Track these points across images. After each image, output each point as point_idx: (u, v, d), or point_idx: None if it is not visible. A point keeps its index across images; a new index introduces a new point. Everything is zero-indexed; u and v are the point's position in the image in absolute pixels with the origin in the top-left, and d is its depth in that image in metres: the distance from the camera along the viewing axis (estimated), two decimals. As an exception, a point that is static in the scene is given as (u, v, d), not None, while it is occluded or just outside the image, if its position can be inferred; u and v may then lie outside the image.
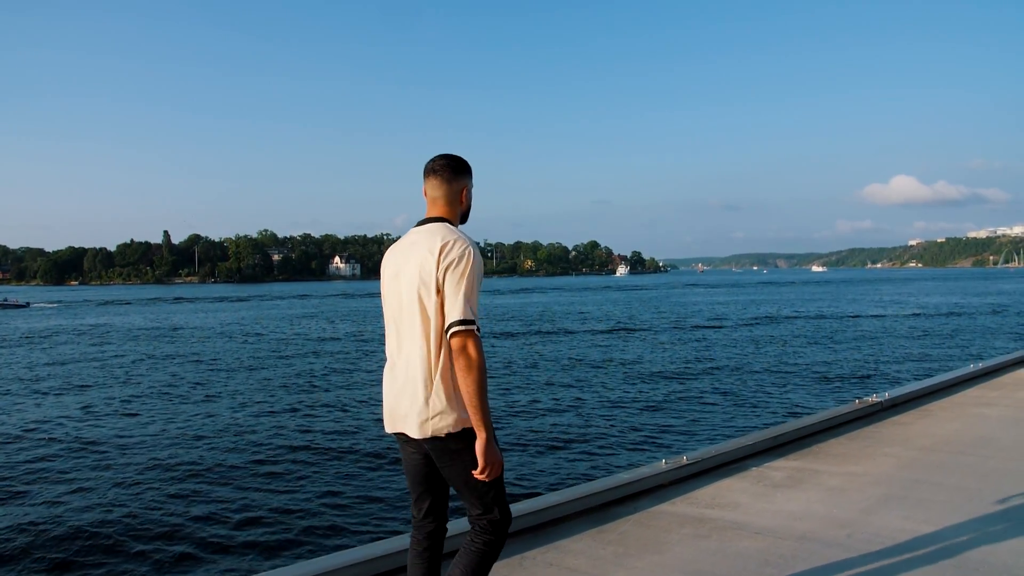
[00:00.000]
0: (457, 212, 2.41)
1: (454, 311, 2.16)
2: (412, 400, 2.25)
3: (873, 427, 5.97)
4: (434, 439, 2.23)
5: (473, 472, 2.23)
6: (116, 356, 23.82)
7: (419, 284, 2.24)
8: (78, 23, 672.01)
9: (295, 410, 13.43)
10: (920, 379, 9.21)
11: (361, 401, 14.30)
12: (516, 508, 3.83)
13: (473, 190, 2.48)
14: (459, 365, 2.16)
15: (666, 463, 4.51)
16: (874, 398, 6.65)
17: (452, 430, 2.21)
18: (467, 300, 2.17)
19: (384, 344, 2.44)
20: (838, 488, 4.32)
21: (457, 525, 3.40)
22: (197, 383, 17.25)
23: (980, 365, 8.91)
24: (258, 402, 14.42)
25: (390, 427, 2.38)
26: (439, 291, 2.20)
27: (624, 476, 4.26)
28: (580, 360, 20.22)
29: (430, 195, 2.41)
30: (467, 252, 2.21)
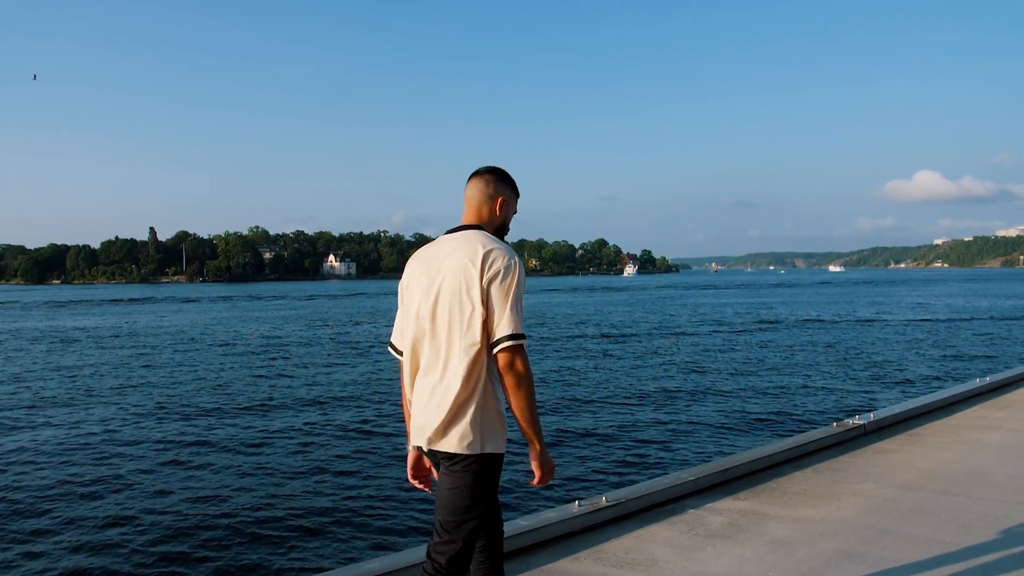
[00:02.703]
0: (492, 218, 2.32)
1: (503, 326, 2.10)
2: (439, 415, 2.15)
3: (849, 456, 5.18)
4: (451, 455, 2.15)
5: (530, 482, 2.25)
6: (32, 365, 23.10)
7: (460, 295, 2.14)
8: (58, 9, 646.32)
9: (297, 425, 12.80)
10: (915, 397, 8.31)
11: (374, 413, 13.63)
12: (379, 564, 3.15)
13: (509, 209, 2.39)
14: (508, 382, 2.11)
15: (579, 505, 3.78)
16: (856, 420, 5.86)
17: (470, 451, 2.13)
18: (516, 314, 2.12)
19: (388, 353, 2.41)
20: (783, 540, 3.56)
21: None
22: (126, 388, 16.70)
23: (987, 380, 8.05)
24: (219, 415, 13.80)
25: (418, 440, 2.24)
26: (484, 303, 2.12)
27: (522, 523, 3.53)
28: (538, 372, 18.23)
29: (466, 196, 2.36)
30: (513, 263, 2.15)
